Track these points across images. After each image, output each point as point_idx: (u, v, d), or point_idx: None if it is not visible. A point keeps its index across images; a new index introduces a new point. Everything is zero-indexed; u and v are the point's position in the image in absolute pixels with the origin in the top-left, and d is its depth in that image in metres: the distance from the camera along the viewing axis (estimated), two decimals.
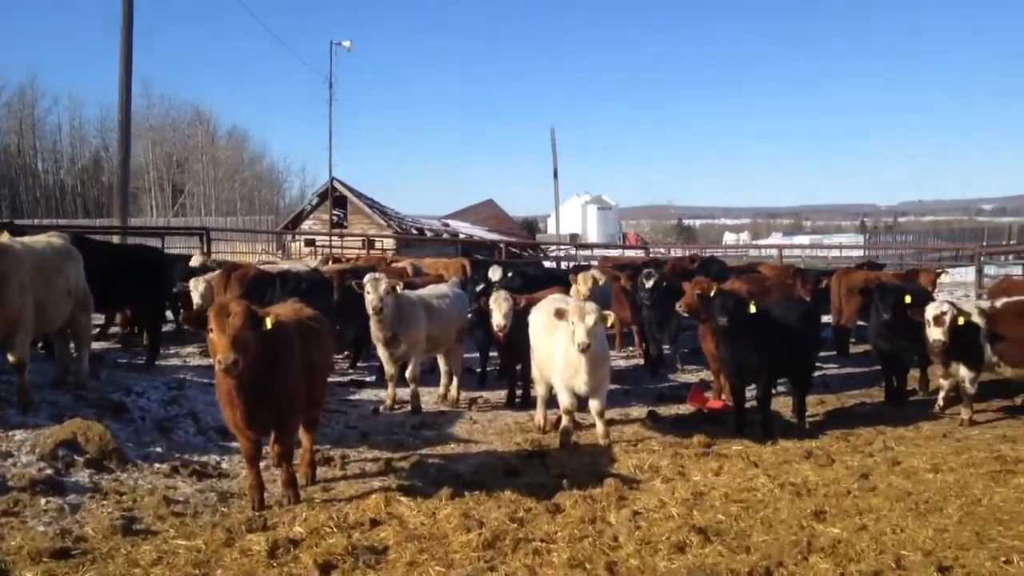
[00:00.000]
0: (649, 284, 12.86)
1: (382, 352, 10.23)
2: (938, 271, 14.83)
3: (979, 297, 16.33)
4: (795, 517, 6.37)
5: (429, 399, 11.07)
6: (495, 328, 10.13)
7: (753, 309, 9.14)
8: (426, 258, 19.22)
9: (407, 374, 10.24)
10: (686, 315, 10.33)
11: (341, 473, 7.61)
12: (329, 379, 11.67)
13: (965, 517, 6.34)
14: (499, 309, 9.99)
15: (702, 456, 8.27)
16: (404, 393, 10.45)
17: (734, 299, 9.17)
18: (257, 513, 6.32)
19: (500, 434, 9.44)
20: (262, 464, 6.79)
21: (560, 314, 8.41)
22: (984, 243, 38.02)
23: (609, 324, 8.58)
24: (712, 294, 9.40)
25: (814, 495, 7.00)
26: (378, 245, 30.59)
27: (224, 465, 7.71)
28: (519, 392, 10.99)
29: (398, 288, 9.91)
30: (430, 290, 11.17)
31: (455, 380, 11.01)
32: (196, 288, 12.37)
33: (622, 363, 14.55)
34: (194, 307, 11.95)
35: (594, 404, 8.79)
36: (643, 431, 9.54)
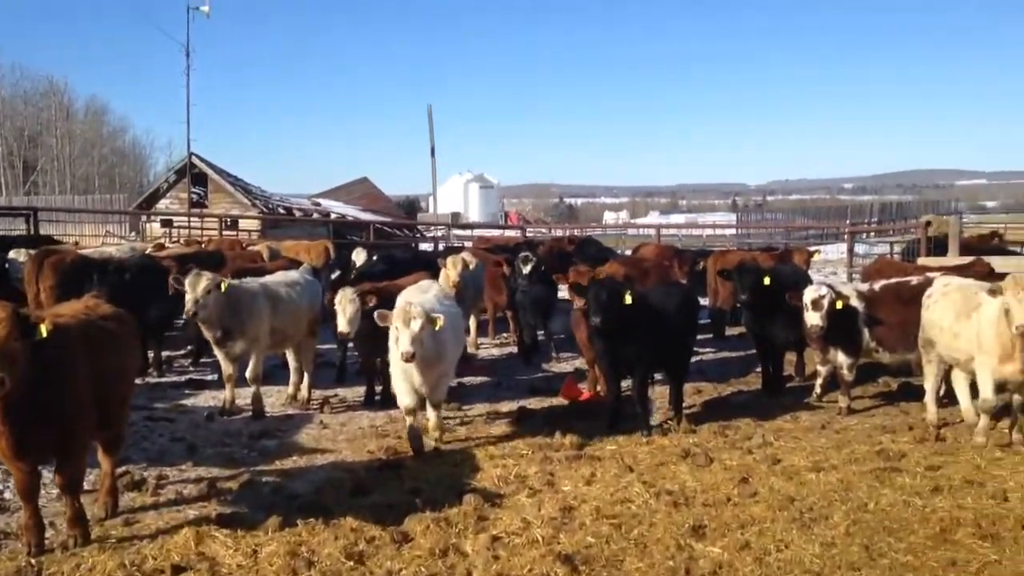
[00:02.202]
0: (527, 269, 12.11)
1: (217, 350, 9.07)
2: (811, 250, 14.65)
3: (851, 275, 16.31)
4: (672, 535, 5.71)
5: (277, 399, 9.99)
6: (339, 334, 9.10)
7: (629, 300, 8.44)
8: (287, 240, 17.90)
9: (248, 374, 9.12)
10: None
11: (153, 500, 6.50)
12: (165, 381, 10.52)
13: (852, 527, 5.83)
14: (343, 313, 8.81)
15: (574, 460, 7.53)
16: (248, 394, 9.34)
17: (608, 291, 8.40)
18: (31, 560, 5.17)
19: (352, 441, 8.45)
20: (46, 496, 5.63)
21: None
22: (848, 221, 39.11)
23: (438, 328, 7.57)
24: (588, 287, 8.65)
25: (692, 505, 6.36)
26: (242, 226, 28.81)
27: (7, 495, 6.46)
28: (379, 389, 10.02)
29: (225, 283, 8.69)
30: (278, 277, 10.01)
31: (306, 378, 9.93)
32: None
33: (495, 351, 13.80)
34: None
35: (431, 398, 8.09)
36: (511, 431, 8.73)
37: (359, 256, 15.37)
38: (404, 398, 7.90)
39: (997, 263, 11.90)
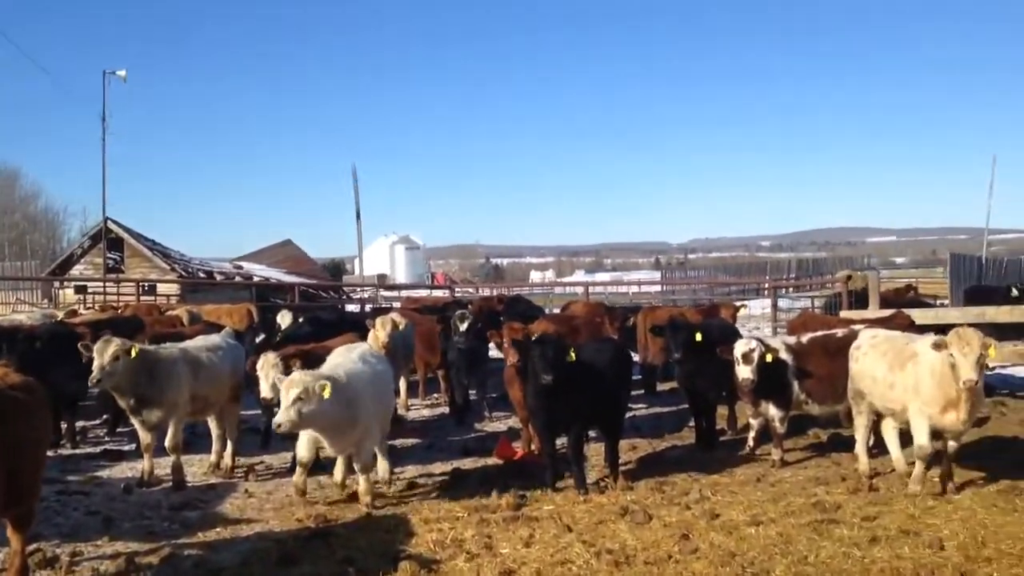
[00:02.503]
0: (464, 326, 11.96)
1: (133, 419, 8.64)
2: (738, 304, 14.88)
3: (775, 329, 16.60)
4: None
5: (199, 469, 9.56)
6: (261, 399, 8.78)
7: (573, 357, 8.39)
8: (208, 304, 17.40)
9: (167, 443, 8.69)
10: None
11: None
12: (79, 452, 9.98)
13: None
14: (265, 378, 8.45)
15: (511, 522, 7.33)
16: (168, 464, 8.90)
17: (555, 348, 8.32)
18: None
19: (279, 509, 8.08)
20: None
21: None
22: (769, 277, 40.12)
23: (326, 395, 7.22)
24: (532, 343, 8.54)
25: (634, 564, 6.22)
26: (161, 290, 28.01)
27: None
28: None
29: (135, 349, 8.30)
30: (198, 342, 9.65)
31: (230, 445, 9.52)
32: None
33: (426, 412, 13.55)
34: None
35: (356, 463, 8.01)
36: (446, 493, 8.50)
37: (284, 319, 15.03)
38: (301, 450, 8.03)
39: (916, 315, 12.26)
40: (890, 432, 8.54)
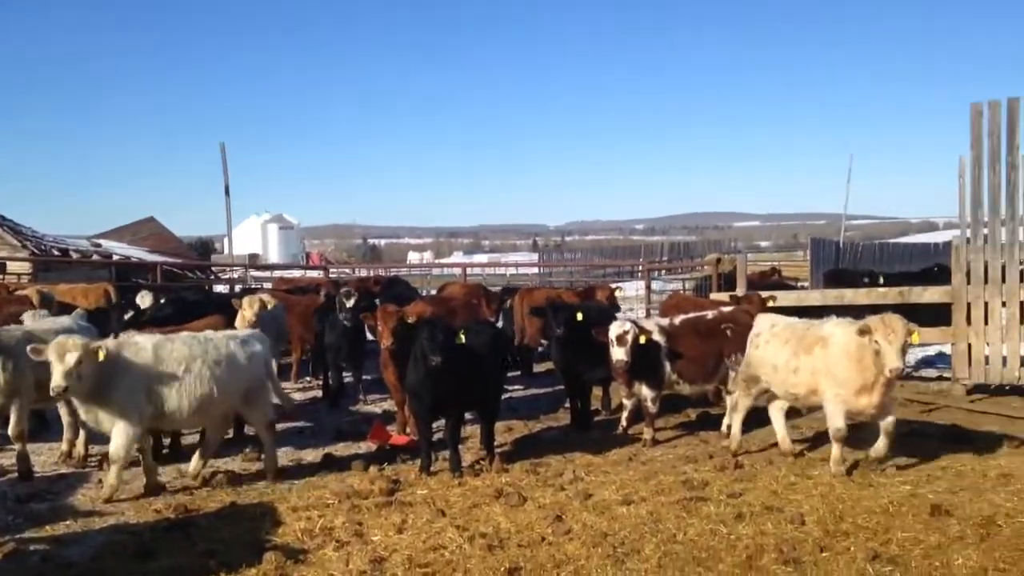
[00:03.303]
0: (350, 302, 11.63)
1: None
2: (613, 287, 15.06)
3: (648, 311, 16.92)
4: None
5: (48, 458, 8.96)
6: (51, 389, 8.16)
7: (462, 339, 8.26)
8: (62, 284, 16.33)
9: (10, 431, 8.08)
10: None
11: None
12: None
13: (664, 559, 5.85)
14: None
15: (383, 508, 7.16)
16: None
17: (445, 330, 8.15)
18: None
19: (136, 500, 7.63)
20: None
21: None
22: (643, 260, 40.97)
23: (101, 358, 7.18)
24: (421, 325, 8.35)
25: (507, 547, 6.17)
26: (11, 269, 26.15)
27: None
28: (167, 442, 9.21)
29: None
30: (46, 324, 9.00)
31: (82, 433, 8.92)
32: None
33: (298, 396, 13.14)
34: None
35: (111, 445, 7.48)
36: (317, 481, 8.23)
37: (144, 300, 14.21)
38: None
39: (779, 296, 12.70)
40: (777, 414, 8.74)
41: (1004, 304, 11.54)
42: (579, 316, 10.09)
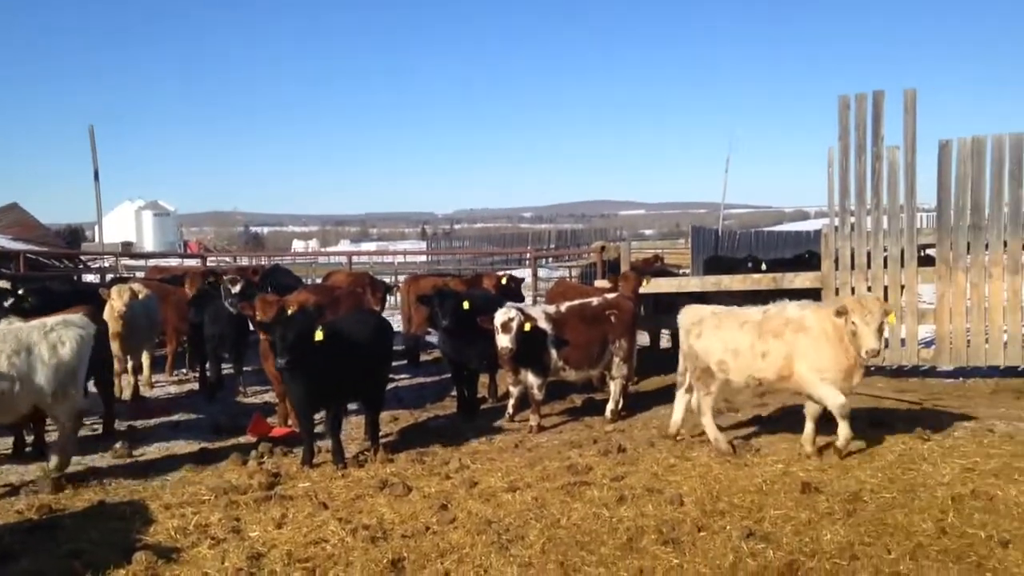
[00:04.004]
0: (236, 289, 11.21)
1: None
2: (500, 275, 15.08)
3: (535, 298, 17.03)
4: (369, 573, 5.40)
5: None
6: None
7: (320, 336, 8.00)
8: None
9: None
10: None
11: None
12: None
13: (548, 544, 5.86)
14: None
15: (262, 502, 6.94)
16: None
17: (296, 331, 7.82)
18: None
19: None
20: None
21: None
22: (530, 247, 41.32)
23: None
24: (271, 325, 8.03)
25: (391, 538, 6.07)
26: None
27: None
28: (30, 439, 8.70)
29: None
30: None
31: None
32: None
33: (173, 389, 12.65)
34: None
35: None
36: (192, 476, 7.92)
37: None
38: None
39: (661, 283, 12.99)
40: (681, 401, 8.74)
41: (869, 288, 12.10)
42: (465, 304, 10.04)
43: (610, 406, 10.11)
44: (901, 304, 11.88)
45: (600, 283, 13.94)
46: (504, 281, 13.74)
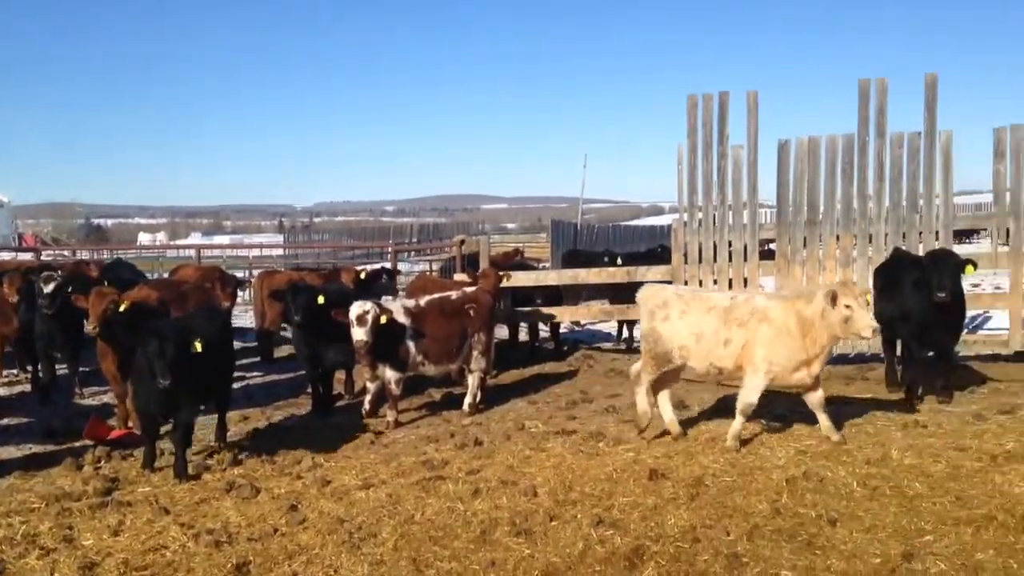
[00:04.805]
0: (49, 288, 10.45)
1: None
2: (358, 269, 14.82)
3: (395, 292, 16.85)
4: None
5: None
6: None
7: (199, 348, 7.55)
8: None
9: None
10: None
11: None
12: None
13: (400, 540, 5.82)
14: None
15: (98, 509, 6.57)
16: None
17: (175, 342, 7.32)
18: None
19: None
20: None
21: None
22: (391, 241, 40.89)
23: None
24: (150, 339, 7.47)
25: (236, 542, 5.87)
26: None
27: None
28: None
29: None
30: None
31: None
32: None
33: (2, 392, 11.81)
34: None
35: None
36: (20, 483, 7.39)
37: None
38: None
39: (520, 277, 13.12)
40: (642, 396, 8.34)
41: (715, 281, 12.61)
42: (320, 299, 9.82)
43: (468, 400, 10.12)
44: None
45: (459, 277, 13.94)
46: (363, 276, 13.53)
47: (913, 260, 9.83)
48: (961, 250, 11.02)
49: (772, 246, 12.84)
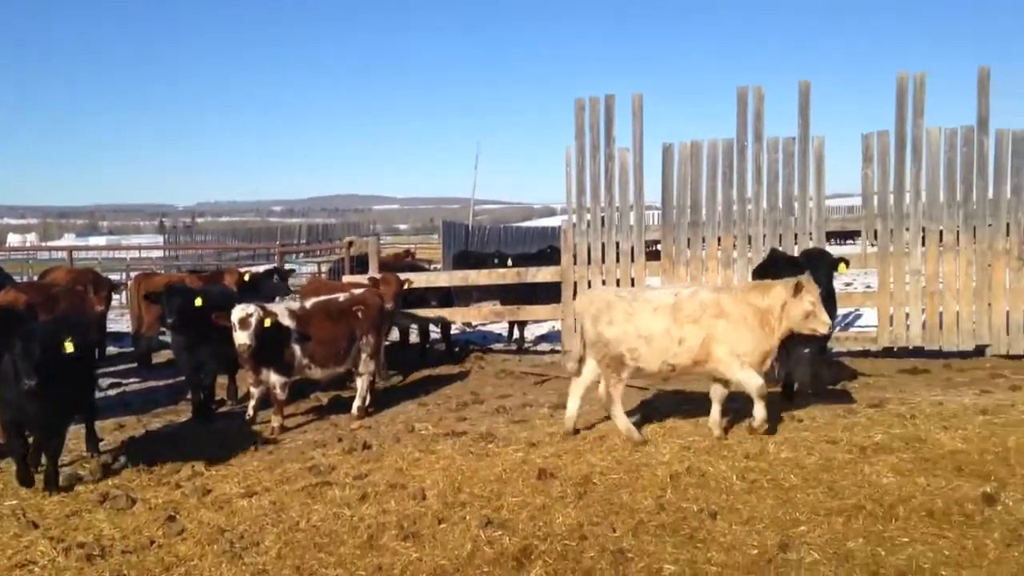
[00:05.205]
0: None
1: None
2: (242, 271, 14.41)
3: (288, 294, 16.48)
4: None
5: None
6: None
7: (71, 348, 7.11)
8: None
9: None
10: None
11: None
12: None
13: (284, 548, 5.68)
14: None
15: None
16: None
17: (42, 344, 6.82)
18: None
19: None
20: None
21: None
22: (279, 242, 40.04)
23: None
24: (16, 337, 6.93)
25: (110, 556, 5.62)
26: None
27: None
28: None
29: None
30: None
31: None
32: None
33: None
34: None
35: None
36: None
37: None
38: None
39: (412, 277, 13.03)
40: (577, 392, 8.33)
41: (603, 282, 12.83)
42: (198, 301, 9.50)
43: (357, 403, 9.97)
44: None
45: (350, 279, 13.74)
46: (247, 278, 13.16)
47: (789, 259, 10.22)
48: (839, 251, 11.59)
49: (659, 247, 13.14)
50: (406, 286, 11.97)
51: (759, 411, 7.71)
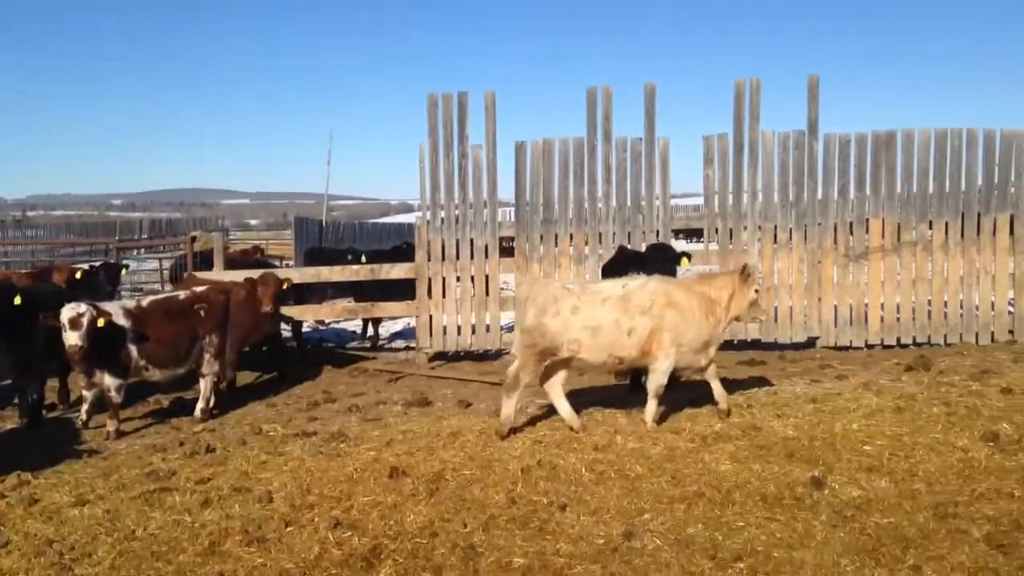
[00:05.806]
0: None
1: None
2: (75, 267, 13.57)
3: (119, 293, 15.62)
4: None
5: None
6: None
7: None
8: None
9: None
10: None
11: None
12: None
13: (119, 559, 5.37)
14: None
15: None
16: None
17: None
18: None
19: None
20: None
21: None
22: (117, 237, 37.97)
23: None
24: None
25: None
26: None
27: None
28: None
29: None
30: None
31: None
32: None
33: None
34: None
35: None
36: None
37: None
38: None
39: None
40: (512, 402, 7.94)
41: (458, 279, 12.85)
42: (17, 299, 8.89)
43: (200, 405, 9.59)
44: (484, 294, 12.79)
45: (202, 275, 13.18)
46: (79, 275, 12.40)
47: (635, 255, 10.53)
48: (688, 248, 12.13)
49: (513, 244, 13.26)
50: (285, 285, 11.60)
51: (650, 407, 7.94)
